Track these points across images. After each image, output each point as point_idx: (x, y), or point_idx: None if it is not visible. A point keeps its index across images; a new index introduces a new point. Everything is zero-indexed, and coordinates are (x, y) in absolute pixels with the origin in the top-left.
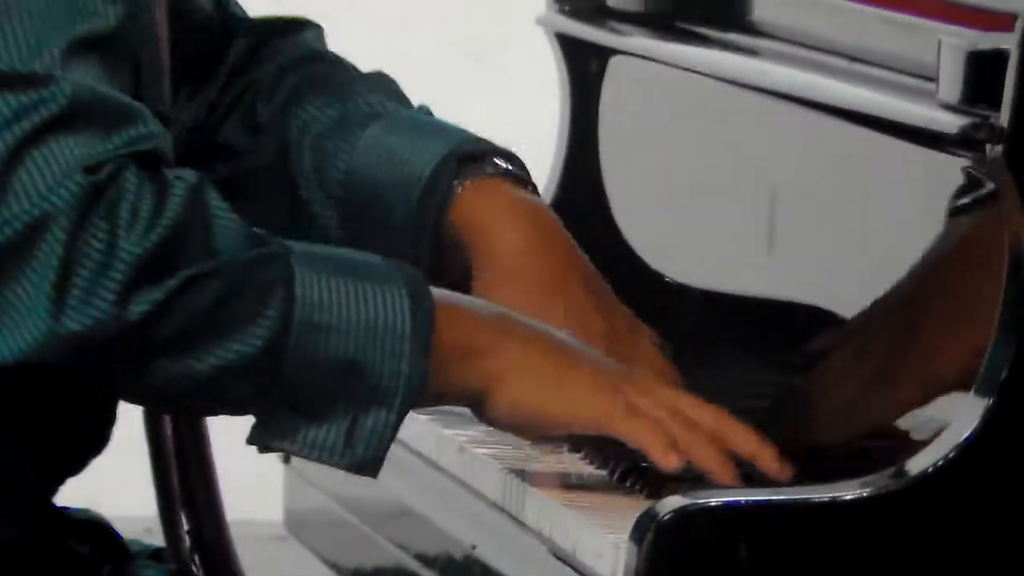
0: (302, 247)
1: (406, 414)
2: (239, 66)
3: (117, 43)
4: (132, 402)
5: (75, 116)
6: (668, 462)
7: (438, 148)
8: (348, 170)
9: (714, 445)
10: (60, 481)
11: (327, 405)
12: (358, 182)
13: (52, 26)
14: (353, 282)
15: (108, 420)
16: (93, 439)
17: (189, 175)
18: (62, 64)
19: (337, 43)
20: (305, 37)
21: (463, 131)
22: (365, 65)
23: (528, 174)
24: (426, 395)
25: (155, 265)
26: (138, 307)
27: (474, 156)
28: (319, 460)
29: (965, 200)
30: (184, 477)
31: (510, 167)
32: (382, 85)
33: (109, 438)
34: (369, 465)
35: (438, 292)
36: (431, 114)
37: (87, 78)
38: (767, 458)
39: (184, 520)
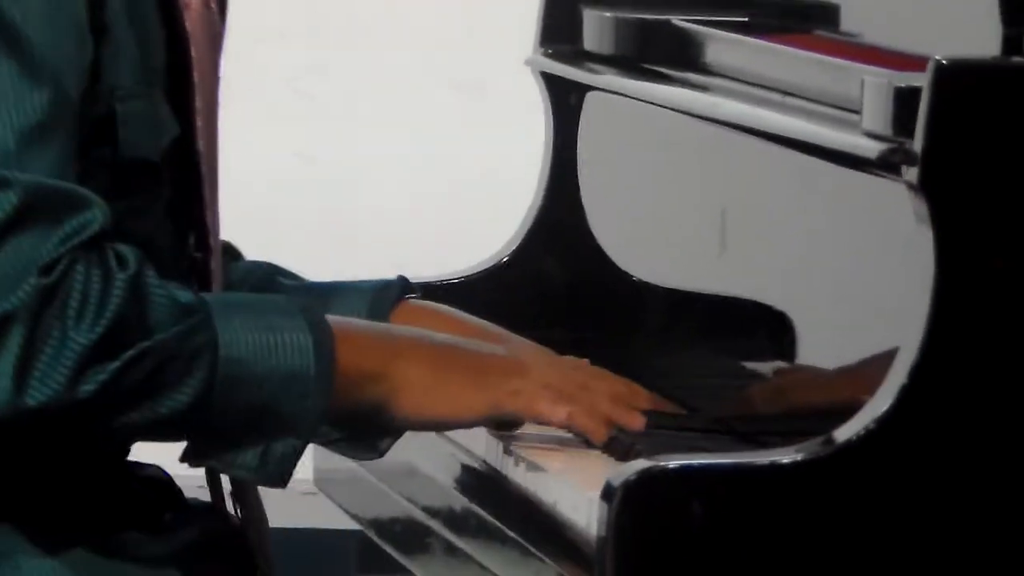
0: (221, 303)
1: (311, 438)
2: None
3: (58, 122)
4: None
5: (28, 214)
6: (556, 413)
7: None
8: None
9: (596, 408)
10: (129, 448)
11: (244, 436)
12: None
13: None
14: (265, 334)
15: None
16: None
17: (130, 260)
18: (17, 158)
19: (337, 79)
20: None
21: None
22: (374, 106)
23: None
24: (332, 419)
25: (100, 352)
26: (87, 387)
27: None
28: (237, 477)
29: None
30: None
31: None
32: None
33: None
34: (278, 480)
35: (334, 321)
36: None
37: (42, 165)
38: (623, 411)
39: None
